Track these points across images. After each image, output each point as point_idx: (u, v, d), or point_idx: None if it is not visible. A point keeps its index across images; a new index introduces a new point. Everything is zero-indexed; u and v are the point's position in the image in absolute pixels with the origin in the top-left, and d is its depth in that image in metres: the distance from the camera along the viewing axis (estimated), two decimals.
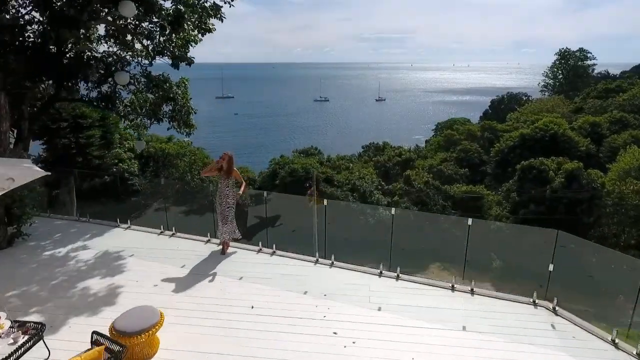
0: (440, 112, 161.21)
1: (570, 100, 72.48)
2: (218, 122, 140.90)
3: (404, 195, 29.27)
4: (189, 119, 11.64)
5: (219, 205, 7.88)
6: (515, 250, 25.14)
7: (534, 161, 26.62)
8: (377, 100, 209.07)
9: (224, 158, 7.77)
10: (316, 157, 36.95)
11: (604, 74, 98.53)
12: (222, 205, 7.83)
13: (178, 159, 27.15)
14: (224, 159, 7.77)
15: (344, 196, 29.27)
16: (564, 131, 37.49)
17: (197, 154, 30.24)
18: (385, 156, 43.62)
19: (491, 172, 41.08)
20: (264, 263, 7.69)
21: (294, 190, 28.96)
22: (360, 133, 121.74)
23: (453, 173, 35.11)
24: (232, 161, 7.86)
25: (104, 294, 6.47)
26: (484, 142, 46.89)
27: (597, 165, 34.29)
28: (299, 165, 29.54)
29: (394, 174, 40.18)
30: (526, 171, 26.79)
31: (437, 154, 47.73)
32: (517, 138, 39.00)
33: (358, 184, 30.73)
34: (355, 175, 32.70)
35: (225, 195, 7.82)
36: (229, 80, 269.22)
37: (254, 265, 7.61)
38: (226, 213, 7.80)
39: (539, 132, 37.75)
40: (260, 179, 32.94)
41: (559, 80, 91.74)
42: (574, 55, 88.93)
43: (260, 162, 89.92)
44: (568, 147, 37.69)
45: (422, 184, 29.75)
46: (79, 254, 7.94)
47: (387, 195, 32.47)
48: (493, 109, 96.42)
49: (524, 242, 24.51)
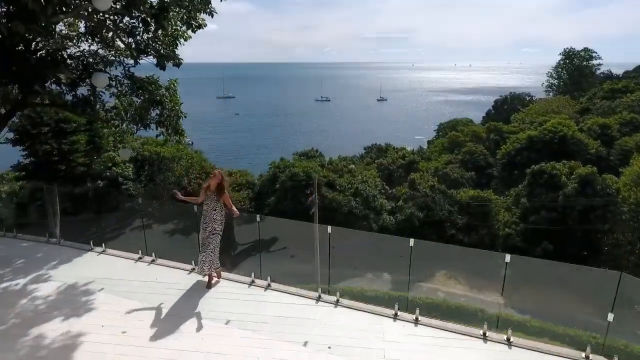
0: (442, 113, 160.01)
1: (575, 101, 71.24)
2: (219, 122, 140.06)
3: (409, 200, 28.07)
4: (178, 125, 10.48)
5: (204, 230, 6.70)
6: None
7: (544, 165, 25.40)
8: (378, 100, 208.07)
9: (215, 175, 6.67)
10: (317, 160, 35.77)
11: (606, 74, 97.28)
12: (206, 230, 6.65)
13: (174, 163, 25.99)
14: (215, 177, 6.68)
15: (346, 201, 28.10)
16: (573, 133, 36.28)
17: (195, 157, 29.13)
18: (389, 158, 42.46)
19: (498, 175, 39.90)
20: (256, 300, 6.50)
21: (295, 195, 27.82)
22: (362, 133, 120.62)
23: (459, 177, 33.91)
24: (224, 181, 6.73)
25: (58, 346, 5.29)
26: (490, 144, 45.70)
27: (608, 169, 33.07)
28: (299, 169, 28.35)
29: (397, 177, 39.04)
30: (537, 176, 25.59)
31: (441, 156, 46.54)
32: (525, 140, 37.79)
33: (361, 188, 29.55)
34: (358, 179, 31.53)
35: (211, 220, 6.65)
36: (229, 80, 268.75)
37: (244, 303, 6.43)
38: (210, 240, 6.62)
39: (547, 134, 36.53)
40: (260, 182, 31.79)
41: (564, 80, 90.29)
42: (579, 55, 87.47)
43: (261, 164, 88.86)
44: (577, 149, 36.48)
45: (428, 189, 28.56)
46: (39, 288, 6.76)
47: (390, 200, 31.31)
48: (496, 109, 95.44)
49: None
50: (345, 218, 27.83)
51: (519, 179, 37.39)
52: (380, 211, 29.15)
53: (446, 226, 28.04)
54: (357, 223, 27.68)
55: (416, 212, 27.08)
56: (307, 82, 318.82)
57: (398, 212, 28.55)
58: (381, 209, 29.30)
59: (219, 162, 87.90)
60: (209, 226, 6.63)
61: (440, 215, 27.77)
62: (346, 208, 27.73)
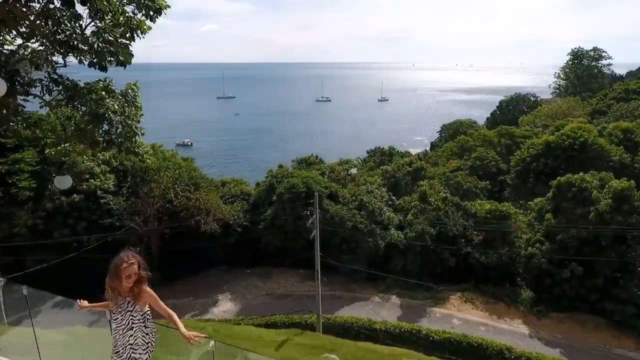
0: (444, 113, 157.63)
1: (585, 102, 68.62)
2: (219, 123, 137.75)
3: (419, 214, 25.45)
4: (133, 144, 7.89)
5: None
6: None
7: (572, 177, 22.76)
8: (379, 101, 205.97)
9: (127, 264, 3.71)
10: (317, 168, 33.12)
11: (608, 74, 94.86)
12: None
13: (160, 173, 23.36)
14: (127, 266, 3.71)
15: (350, 215, 25.50)
16: (594, 138, 33.66)
17: (184, 166, 26.45)
18: (394, 165, 39.83)
19: (511, 183, 37.30)
20: None
21: (293, 209, 25.21)
22: (363, 134, 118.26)
23: (472, 186, 31.28)
24: (143, 274, 3.83)
25: None
26: (502, 149, 43.08)
27: (633, 177, 30.52)
28: (298, 179, 25.75)
29: (404, 185, 36.40)
30: (563, 188, 22.95)
31: (449, 161, 43.91)
32: (542, 146, 35.19)
33: (366, 200, 26.95)
34: (363, 189, 28.93)
35: (126, 347, 3.86)
36: (230, 80, 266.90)
37: None
38: None
39: (566, 140, 33.93)
40: (256, 192, 29.16)
41: (571, 80, 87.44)
42: (588, 55, 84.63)
43: (260, 166, 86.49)
44: (598, 156, 33.91)
45: (440, 201, 25.95)
46: None
47: (398, 212, 28.70)
48: (501, 110, 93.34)
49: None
50: (349, 233, 25.26)
51: (535, 188, 34.82)
52: (387, 225, 26.57)
53: (460, 242, 25.46)
54: (362, 239, 25.10)
55: (428, 228, 24.46)
56: (307, 82, 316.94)
57: (407, 227, 25.93)
58: (388, 223, 26.72)
59: (216, 164, 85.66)
60: (126, 355, 3.88)
61: (454, 231, 25.17)
62: (350, 223, 25.13)
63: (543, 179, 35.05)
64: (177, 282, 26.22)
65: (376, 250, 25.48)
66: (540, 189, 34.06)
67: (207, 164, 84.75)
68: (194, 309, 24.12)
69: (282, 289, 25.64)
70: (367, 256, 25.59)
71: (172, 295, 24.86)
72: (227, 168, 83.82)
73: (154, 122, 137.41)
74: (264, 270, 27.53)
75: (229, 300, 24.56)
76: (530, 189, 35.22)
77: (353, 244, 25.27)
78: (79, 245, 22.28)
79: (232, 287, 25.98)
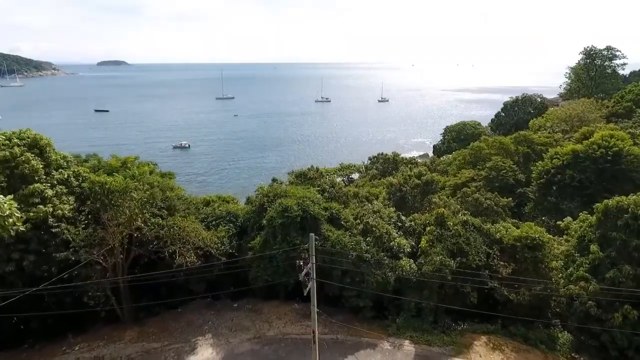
0: (446, 114, 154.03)
1: (598, 103, 64.61)
2: (217, 124, 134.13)
3: (437, 242, 21.46)
4: None
5: None
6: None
7: (623, 200, 18.79)
8: (379, 101, 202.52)
9: None
10: (317, 184, 29.11)
11: (621, 75, 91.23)
12: None
13: (124, 197, 19.35)
14: None
15: (354, 243, 21.52)
16: (630, 148, 29.70)
17: (159, 184, 22.38)
18: (400, 176, 35.77)
19: (533, 197, 33.32)
20: None
21: (286, 235, 21.23)
22: (364, 136, 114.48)
23: (493, 204, 27.26)
24: None
25: None
26: (519, 158, 39.09)
27: None
28: (292, 201, 21.75)
29: (411, 199, 32.37)
30: (611, 213, 18.99)
31: (461, 171, 39.97)
32: (568, 156, 31.22)
33: (372, 223, 22.98)
34: (368, 209, 24.98)
35: None
36: (229, 81, 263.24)
37: None
38: None
39: (597, 149, 29.95)
40: (244, 213, 25.10)
41: (583, 81, 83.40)
42: (601, 54, 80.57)
43: (258, 171, 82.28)
44: (632, 168, 29.94)
45: (459, 226, 21.99)
46: None
47: (408, 236, 24.68)
48: (506, 111, 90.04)
49: None
50: (352, 265, 21.26)
51: (560, 203, 30.87)
52: (397, 253, 22.56)
53: (484, 275, 21.47)
54: (369, 271, 21.10)
55: (447, 259, 20.48)
56: (307, 82, 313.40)
57: (422, 256, 21.93)
58: (399, 251, 22.71)
59: (212, 168, 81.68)
60: None
61: (477, 261, 21.21)
62: (354, 253, 21.15)
63: (570, 192, 31.10)
64: (151, 320, 22.30)
65: (385, 284, 21.49)
66: (567, 205, 30.10)
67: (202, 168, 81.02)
68: (168, 357, 20.14)
69: (273, 331, 21.64)
70: (374, 291, 21.59)
71: (142, 338, 20.95)
72: (224, 172, 80.00)
73: (152, 123, 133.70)
74: (253, 305, 23.57)
75: (210, 347, 20.54)
76: (555, 205, 31.26)
77: (357, 277, 21.29)
78: (30, 282, 18.43)
79: (214, 327, 21.98)
